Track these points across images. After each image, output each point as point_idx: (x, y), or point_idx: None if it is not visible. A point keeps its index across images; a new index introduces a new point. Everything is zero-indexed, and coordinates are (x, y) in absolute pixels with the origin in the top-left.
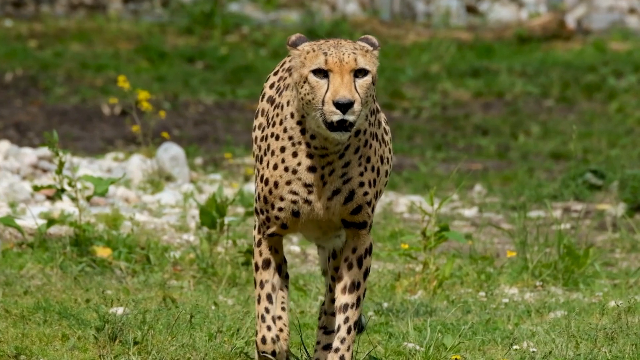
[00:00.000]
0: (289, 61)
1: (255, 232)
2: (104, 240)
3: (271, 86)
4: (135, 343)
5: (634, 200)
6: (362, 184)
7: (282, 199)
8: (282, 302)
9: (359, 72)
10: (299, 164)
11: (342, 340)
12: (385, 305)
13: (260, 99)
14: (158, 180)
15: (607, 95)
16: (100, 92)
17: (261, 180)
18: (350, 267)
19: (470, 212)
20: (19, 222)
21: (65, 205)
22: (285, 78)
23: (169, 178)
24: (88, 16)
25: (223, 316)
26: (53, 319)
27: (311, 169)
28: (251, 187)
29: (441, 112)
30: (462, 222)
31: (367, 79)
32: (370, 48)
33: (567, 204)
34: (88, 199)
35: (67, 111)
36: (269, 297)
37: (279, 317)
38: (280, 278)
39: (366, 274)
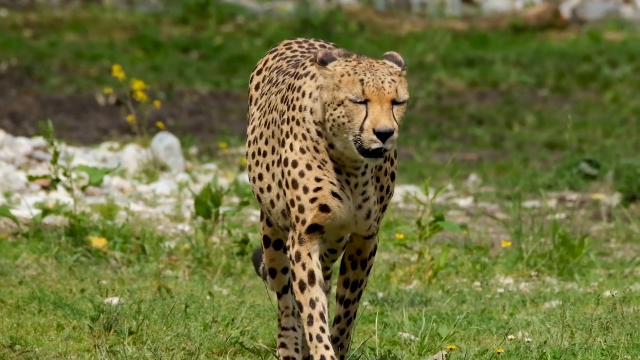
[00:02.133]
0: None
1: (290, 250)
2: (99, 230)
3: (256, 87)
4: (130, 333)
5: (628, 189)
6: (374, 203)
7: (317, 179)
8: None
9: (396, 103)
10: (325, 161)
11: (342, 331)
12: (381, 295)
13: (249, 99)
14: (153, 170)
15: (602, 85)
16: (95, 82)
17: (285, 164)
18: (354, 266)
19: (465, 201)
20: (13, 212)
21: (60, 195)
22: (270, 78)
23: (163, 168)
24: (83, 6)
25: (218, 306)
26: (48, 309)
27: (337, 170)
28: (246, 176)
29: (436, 101)
30: (457, 211)
31: (404, 107)
32: (399, 69)
33: (562, 193)
34: (83, 188)
35: (61, 101)
36: (322, 316)
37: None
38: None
39: (369, 271)
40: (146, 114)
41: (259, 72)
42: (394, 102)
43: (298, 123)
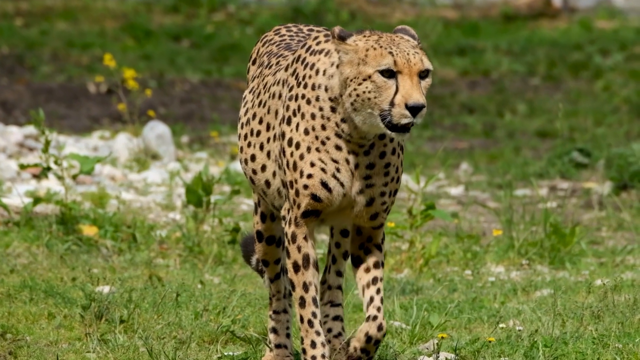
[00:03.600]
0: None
1: (286, 228)
2: (90, 219)
3: (254, 78)
4: (122, 321)
5: (620, 178)
6: (382, 194)
7: (312, 164)
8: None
9: (423, 73)
10: (328, 138)
11: (379, 309)
12: None
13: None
14: (144, 158)
15: (593, 74)
16: (86, 71)
17: (289, 144)
18: (368, 251)
19: (456, 190)
20: (5, 200)
21: (51, 183)
22: (261, 62)
23: (155, 156)
24: None
25: (209, 295)
26: (39, 298)
27: (338, 147)
28: (237, 165)
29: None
30: (448, 200)
31: (430, 80)
32: (416, 42)
33: (553, 182)
34: (74, 177)
35: (53, 89)
36: (315, 301)
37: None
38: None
39: (383, 260)
40: (137, 102)
41: (254, 62)
42: (420, 76)
43: (309, 102)
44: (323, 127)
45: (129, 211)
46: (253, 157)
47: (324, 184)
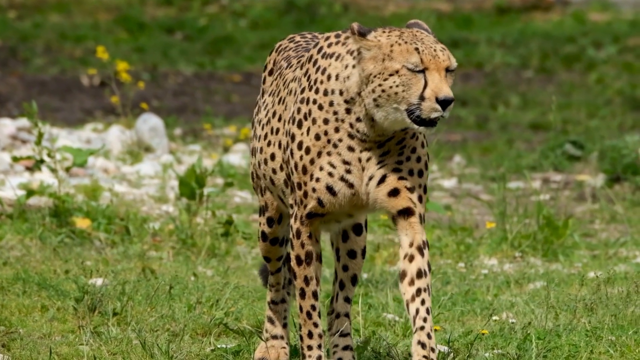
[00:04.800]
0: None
1: (292, 222)
2: (83, 211)
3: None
4: (115, 314)
5: (613, 170)
6: (397, 170)
7: (321, 168)
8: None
9: (448, 70)
10: (340, 140)
11: (425, 320)
12: (365, 276)
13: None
14: (137, 151)
15: (586, 66)
16: (80, 63)
17: (299, 148)
18: (411, 259)
19: (449, 183)
20: None
21: (44, 176)
22: (279, 66)
23: (148, 149)
24: None
25: (202, 287)
26: (32, 290)
27: (350, 148)
28: (230, 158)
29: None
30: (442, 193)
31: (454, 75)
32: (435, 38)
33: (546, 174)
34: (67, 169)
35: (46, 82)
36: (315, 294)
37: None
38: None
39: (429, 266)
40: (130, 95)
41: (270, 72)
42: (447, 70)
43: (321, 107)
44: (336, 130)
45: (122, 204)
46: (273, 156)
47: (329, 188)
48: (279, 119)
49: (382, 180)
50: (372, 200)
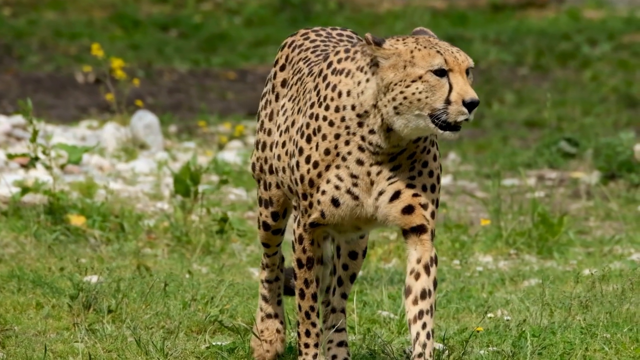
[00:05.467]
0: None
1: (295, 226)
2: (78, 209)
3: (283, 84)
4: (110, 311)
5: (608, 168)
6: (411, 186)
7: (328, 181)
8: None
9: (469, 70)
10: (349, 153)
11: (424, 345)
12: (360, 273)
13: (268, 101)
14: (132, 148)
15: (581, 64)
16: (74, 60)
17: (307, 162)
18: (417, 277)
19: (444, 180)
20: None
21: (39, 173)
22: (298, 69)
23: (143, 146)
24: None
25: (197, 284)
26: (27, 288)
27: (359, 162)
28: (225, 155)
29: None
30: None
31: (471, 76)
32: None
33: (541, 172)
34: (62, 167)
35: (41, 79)
36: (314, 296)
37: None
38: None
39: (435, 284)
40: (125, 92)
41: (282, 68)
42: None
43: (332, 124)
44: (346, 143)
45: (117, 201)
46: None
47: (334, 201)
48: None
49: (396, 196)
50: (382, 215)
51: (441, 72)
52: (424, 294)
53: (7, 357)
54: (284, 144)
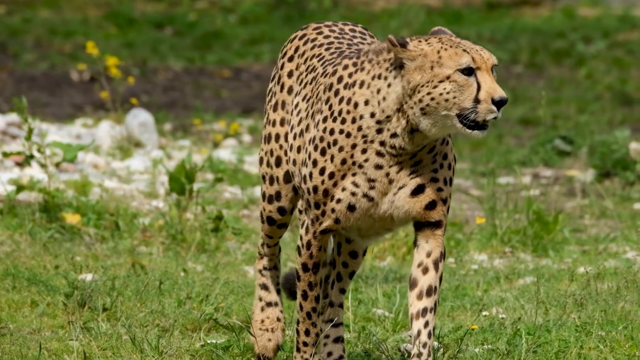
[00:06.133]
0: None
1: (302, 232)
2: (73, 207)
3: (289, 75)
4: (105, 309)
5: (602, 166)
6: (435, 180)
7: (343, 189)
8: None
9: (492, 70)
10: (367, 160)
11: (424, 345)
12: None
13: (273, 92)
14: (127, 146)
15: (576, 61)
16: (69, 58)
17: (321, 173)
18: (425, 271)
19: None
20: None
21: (34, 171)
22: (311, 67)
23: (138, 144)
24: None
25: (192, 282)
26: (22, 286)
27: (378, 167)
28: (220, 153)
29: None
30: None
31: (495, 75)
32: None
33: (536, 170)
34: (57, 165)
35: (35, 77)
36: (317, 298)
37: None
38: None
39: (441, 280)
40: (120, 90)
41: (290, 59)
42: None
43: (348, 135)
44: (363, 151)
45: (112, 199)
46: None
47: (350, 207)
48: None
49: (420, 190)
50: (402, 211)
51: (469, 71)
52: (429, 291)
53: (2, 356)
54: (298, 149)
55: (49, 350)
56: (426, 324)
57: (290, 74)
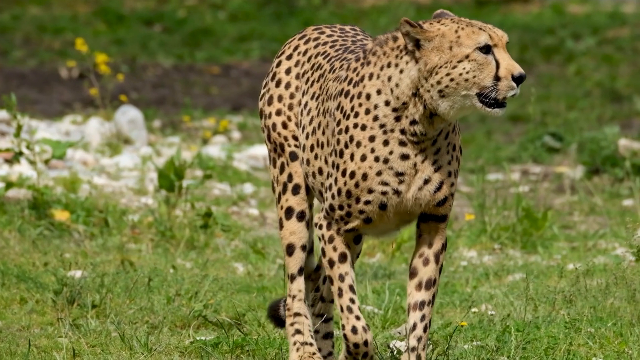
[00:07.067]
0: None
1: (324, 230)
2: (62, 204)
3: (287, 72)
4: (94, 306)
5: (592, 162)
6: (450, 174)
7: (370, 191)
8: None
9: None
10: (391, 152)
11: (419, 339)
12: None
13: (266, 92)
14: (116, 143)
15: (565, 58)
16: (58, 55)
17: (343, 175)
18: (426, 262)
19: None
20: None
21: (23, 168)
22: (317, 65)
23: (127, 141)
24: None
25: (181, 279)
26: (11, 283)
27: (404, 157)
28: (209, 150)
29: None
30: None
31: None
32: None
33: (525, 166)
34: (46, 162)
35: (25, 74)
36: (352, 288)
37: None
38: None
39: (441, 271)
40: (109, 87)
41: (289, 57)
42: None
43: (364, 127)
44: (385, 143)
45: (101, 196)
46: (320, 171)
47: (382, 206)
48: (323, 133)
49: (439, 187)
50: (418, 205)
51: (487, 49)
52: (429, 284)
53: None
54: (312, 148)
55: (38, 347)
56: (422, 318)
57: (288, 71)
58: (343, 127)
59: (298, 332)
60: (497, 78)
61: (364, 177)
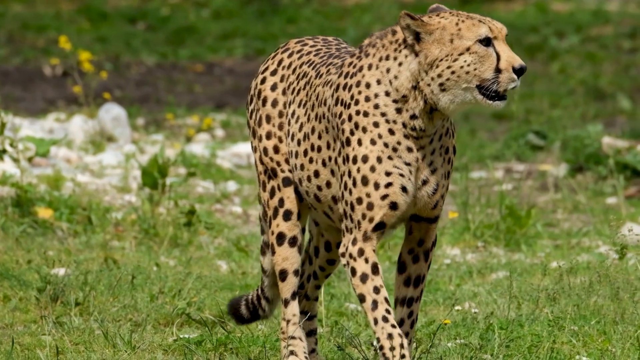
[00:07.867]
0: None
1: (350, 249)
2: (45, 201)
3: (272, 88)
4: (77, 304)
5: (575, 160)
6: (444, 176)
7: (388, 173)
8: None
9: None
10: (399, 142)
11: (406, 335)
12: None
13: (254, 110)
14: (100, 140)
15: (549, 56)
16: (42, 53)
17: (355, 161)
18: (416, 259)
19: None
20: None
21: (6, 166)
22: (302, 74)
23: (110, 139)
24: None
25: (165, 277)
26: None
27: (409, 150)
28: (193, 147)
29: None
30: None
31: None
32: None
33: (509, 164)
34: (30, 159)
35: (8, 72)
36: (387, 300)
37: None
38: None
39: (429, 267)
40: (93, 84)
41: (273, 73)
42: None
43: (366, 114)
44: (391, 132)
45: (85, 193)
46: (317, 174)
47: (403, 188)
48: (319, 137)
49: (435, 190)
50: (420, 204)
51: (487, 41)
52: (417, 280)
53: None
54: (305, 152)
55: (21, 344)
56: (410, 314)
57: (273, 88)
58: (345, 116)
59: (292, 353)
60: (498, 70)
61: (379, 160)
